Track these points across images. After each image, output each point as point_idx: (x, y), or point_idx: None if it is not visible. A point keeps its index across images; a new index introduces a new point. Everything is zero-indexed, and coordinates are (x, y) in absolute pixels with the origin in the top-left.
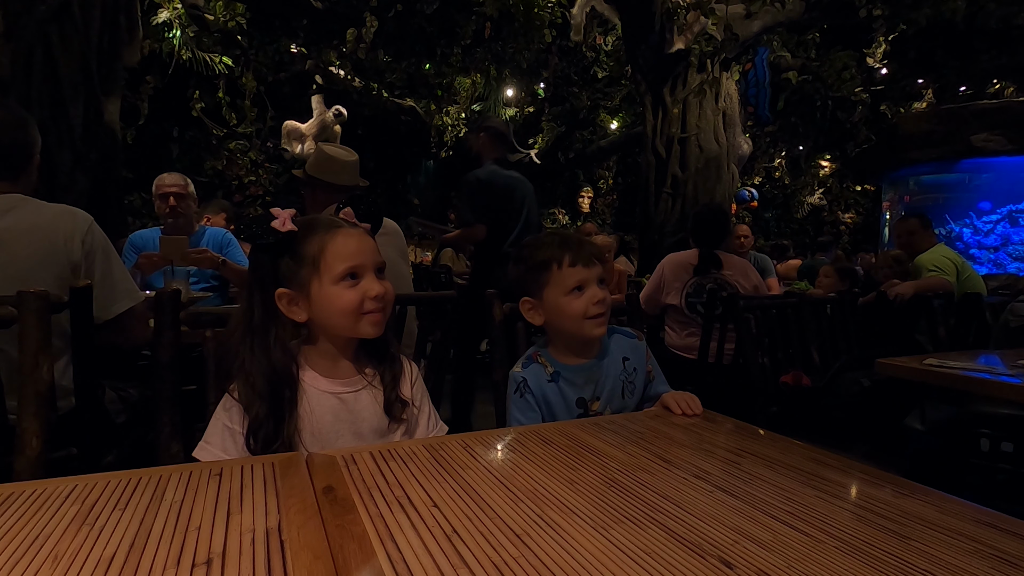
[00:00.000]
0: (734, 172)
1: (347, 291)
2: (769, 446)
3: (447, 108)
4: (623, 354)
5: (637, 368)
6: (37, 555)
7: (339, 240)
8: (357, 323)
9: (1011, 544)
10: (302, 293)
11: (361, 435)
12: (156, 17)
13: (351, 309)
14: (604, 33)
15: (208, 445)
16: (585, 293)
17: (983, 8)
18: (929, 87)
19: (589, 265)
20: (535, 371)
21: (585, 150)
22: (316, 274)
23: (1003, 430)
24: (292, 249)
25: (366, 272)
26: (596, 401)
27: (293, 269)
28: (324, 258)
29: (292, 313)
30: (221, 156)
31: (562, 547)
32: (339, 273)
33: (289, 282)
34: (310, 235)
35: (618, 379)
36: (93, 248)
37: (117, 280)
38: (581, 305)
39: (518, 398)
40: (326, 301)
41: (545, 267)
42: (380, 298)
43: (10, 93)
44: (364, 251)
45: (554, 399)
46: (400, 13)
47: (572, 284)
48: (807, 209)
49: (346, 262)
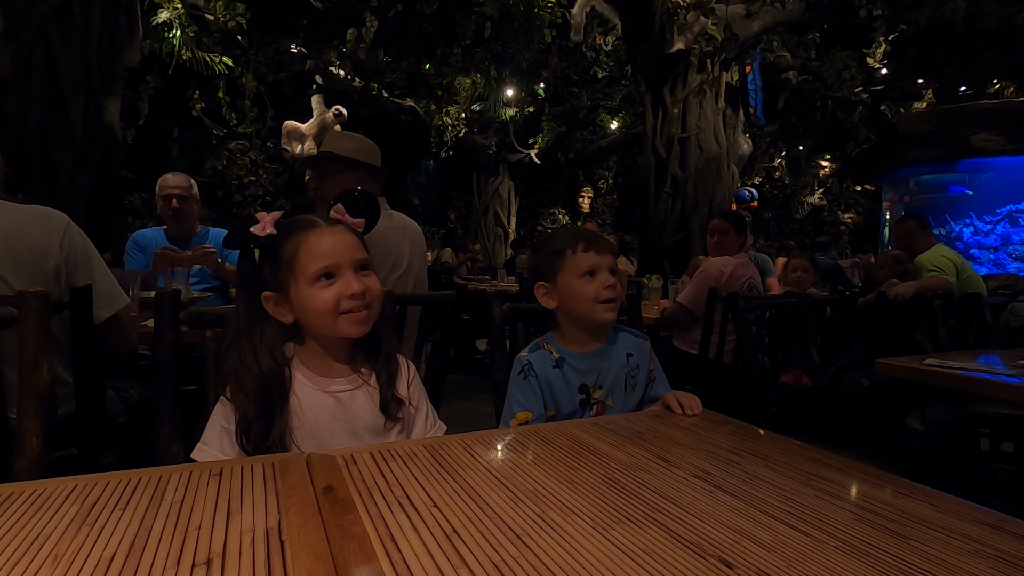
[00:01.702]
0: (734, 172)
1: (322, 291)
2: (769, 446)
3: (447, 108)
4: (628, 349)
5: (640, 365)
6: (37, 555)
7: (311, 240)
8: (336, 323)
9: (1011, 544)
10: (284, 296)
11: (357, 434)
12: (156, 17)
13: (327, 309)
14: (604, 33)
15: (206, 446)
16: (597, 278)
17: (983, 8)
18: (929, 87)
19: (601, 252)
20: (541, 356)
21: (585, 150)
22: (292, 276)
23: (1003, 430)
24: (273, 253)
25: (343, 271)
26: (599, 390)
27: (273, 272)
28: (298, 259)
29: (279, 315)
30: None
31: (562, 547)
32: (313, 274)
33: (272, 285)
34: (286, 237)
35: (622, 371)
36: (72, 251)
37: (99, 284)
38: (593, 289)
39: (521, 379)
40: (304, 302)
41: (560, 253)
42: (359, 296)
43: (10, 93)
44: (339, 249)
45: (557, 384)
46: (400, 13)
47: (584, 268)
48: (807, 209)
49: (319, 262)
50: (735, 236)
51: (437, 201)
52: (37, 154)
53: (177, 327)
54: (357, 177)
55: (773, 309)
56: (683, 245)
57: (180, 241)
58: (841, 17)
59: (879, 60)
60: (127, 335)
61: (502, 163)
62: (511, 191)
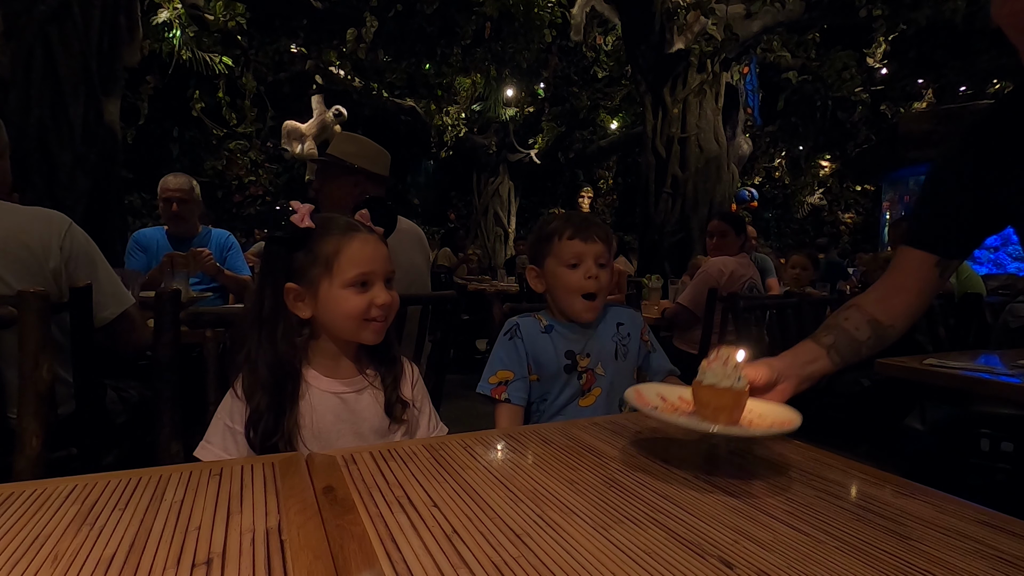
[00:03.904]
0: (734, 172)
1: (355, 296)
2: (769, 446)
3: (447, 108)
4: (618, 320)
5: (631, 334)
6: (37, 555)
7: (356, 245)
8: (360, 329)
9: (1011, 544)
10: (310, 291)
11: (362, 435)
12: (156, 17)
13: (356, 314)
14: (604, 33)
15: (209, 445)
16: (580, 267)
17: (983, 8)
18: (929, 87)
19: (588, 241)
20: (530, 322)
21: (585, 150)
22: (328, 275)
23: (1003, 430)
24: (307, 246)
25: (376, 280)
26: (586, 358)
27: (305, 266)
28: (338, 260)
29: (296, 309)
30: (221, 156)
31: (562, 547)
32: (351, 278)
33: (299, 278)
34: (327, 235)
35: (611, 340)
36: (74, 253)
37: (103, 284)
38: (576, 279)
39: (507, 340)
40: (333, 303)
41: (548, 239)
42: (385, 307)
43: (10, 93)
44: (377, 259)
45: (544, 350)
46: (400, 13)
47: (569, 258)
48: (807, 209)
49: (359, 268)
50: (734, 237)
51: (437, 201)
52: (37, 154)
53: (177, 327)
54: (355, 182)
55: (773, 309)
56: (683, 245)
57: (181, 241)
58: (841, 17)
59: (879, 60)
60: (138, 331)
61: (502, 163)
62: (511, 191)
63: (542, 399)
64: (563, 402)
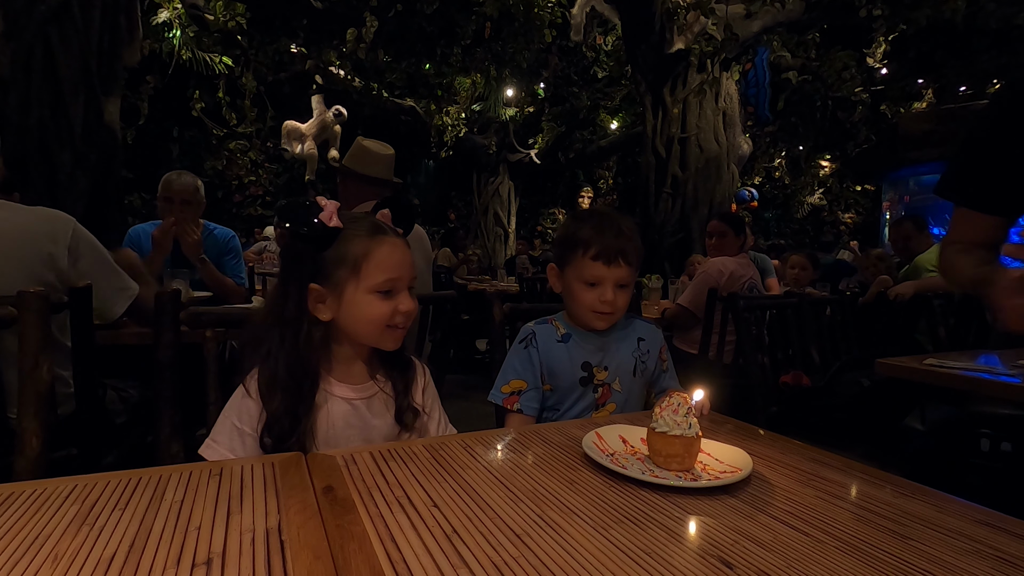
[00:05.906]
0: (734, 172)
1: (380, 302)
2: (769, 446)
3: (447, 108)
4: (639, 335)
5: (651, 351)
6: (37, 555)
7: (385, 249)
8: (381, 335)
9: (1011, 544)
10: (334, 293)
11: (371, 442)
12: (156, 17)
13: (380, 320)
14: (604, 33)
15: (215, 444)
16: (597, 289)
17: (983, 8)
18: (929, 87)
19: (611, 265)
20: (547, 330)
21: (585, 150)
22: (355, 278)
23: (1003, 430)
24: (334, 247)
25: (401, 287)
26: (604, 371)
27: (330, 267)
28: (367, 264)
29: (317, 310)
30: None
31: (562, 547)
32: (378, 283)
33: (323, 279)
34: (354, 236)
35: (631, 356)
36: (80, 253)
37: (111, 281)
38: (590, 299)
39: (521, 348)
40: (357, 307)
41: (573, 248)
42: (409, 314)
43: (10, 93)
44: (404, 265)
45: (560, 359)
46: (400, 13)
47: (589, 277)
48: (807, 209)
49: (387, 273)
50: (733, 238)
51: (437, 201)
52: (37, 154)
53: (177, 327)
54: (343, 185)
55: (773, 309)
56: (683, 245)
57: None
58: (841, 17)
59: (879, 60)
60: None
61: (502, 163)
62: (511, 191)
63: (553, 408)
64: (575, 414)
